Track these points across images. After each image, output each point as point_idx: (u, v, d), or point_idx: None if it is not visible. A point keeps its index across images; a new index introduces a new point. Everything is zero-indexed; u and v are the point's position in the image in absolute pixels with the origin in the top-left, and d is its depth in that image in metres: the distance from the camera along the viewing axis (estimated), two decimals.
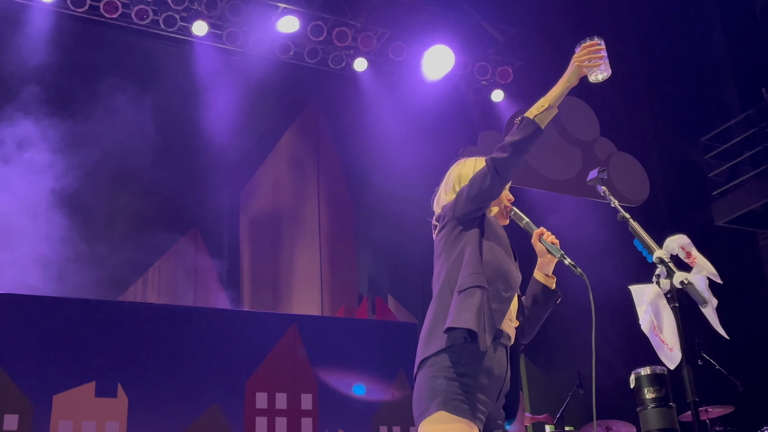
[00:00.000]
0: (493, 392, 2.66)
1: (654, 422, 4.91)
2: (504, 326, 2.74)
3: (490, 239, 2.82)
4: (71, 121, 7.55)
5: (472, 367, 2.59)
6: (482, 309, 2.62)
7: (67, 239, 7.19)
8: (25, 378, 6.29)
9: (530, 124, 2.81)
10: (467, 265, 2.73)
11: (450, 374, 2.57)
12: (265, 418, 7.10)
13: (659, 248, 2.63)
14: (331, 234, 9.24)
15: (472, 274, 2.70)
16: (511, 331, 2.80)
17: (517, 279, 2.84)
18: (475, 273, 2.70)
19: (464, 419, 2.51)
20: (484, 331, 2.57)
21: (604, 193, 2.91)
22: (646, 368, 5.01)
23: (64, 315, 6.62)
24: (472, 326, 2.56)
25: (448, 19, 9.79)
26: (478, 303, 2.62)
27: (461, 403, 2.53)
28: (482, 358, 2.61)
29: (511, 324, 2.82)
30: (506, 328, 2.76)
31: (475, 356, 2.59)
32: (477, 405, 2.57)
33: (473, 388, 2.57)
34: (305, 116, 9.56)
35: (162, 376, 6.78)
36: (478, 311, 2.60)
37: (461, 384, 2.56)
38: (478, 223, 2.83)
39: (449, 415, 2.51)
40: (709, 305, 2.57)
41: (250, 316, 7.81)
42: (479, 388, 2.59)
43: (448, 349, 2.60)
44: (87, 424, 6.42)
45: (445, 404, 2.53)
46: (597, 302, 2.68)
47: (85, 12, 8.00)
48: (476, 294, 2.65)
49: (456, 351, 2.59)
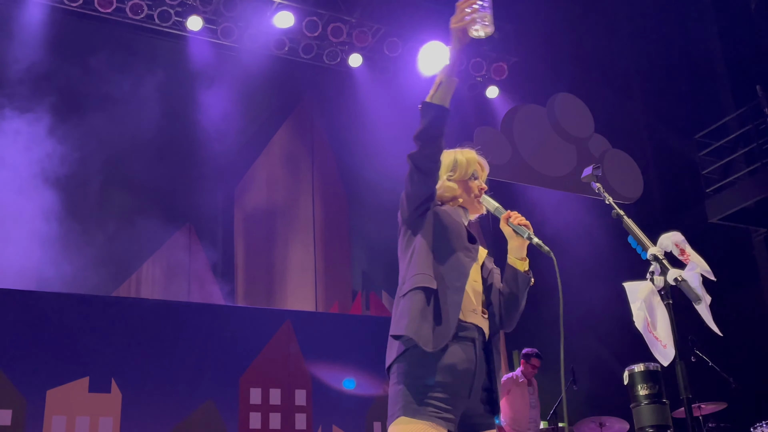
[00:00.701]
0: (460, 389, 2.63)
1: (647, 418, 4.93)
2: (470, 318, 2.72)
3: (441, 232, 2.79)
4: (65, 117, 7.53)
5: (428, 368, 2.60)
6: (423, 311, 2.63)
7: (61, 234, 7.17)
8: (19, 373, 6.28)
9: (428, 108, 2.72)
10: (412, 266, 2.74)
11: (407, 379, 2.60)
12: (259, 413, 7.10)
13: (653, 245, 2.63)
14: (325, 230, 9.23)
15: (416, 275, 2.71)
16: (479, 322, 2.75)
17: (469, 265, 2.77)
18: (419, 274, 2.71)
19: (424, 421, 2.54)
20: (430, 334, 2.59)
21: (599, 190, 2.91)
22: (640, 365, 5.03)
23: (58, 310, 6.61)
24: (408, 332, 2.60)
25: (444, 15, 9.74)
26: (417, 306, 2.64)
27: (420, 406, 2.56)
28: (439, 358, 2.61)
29: (479, 315, 2.76)
30: (473, 320, 2.73)
31: (429, 358, 2.60)
32: (439, 405, 2.57)
33: (432, 389, 2.58)
34: (300, 112, 9.55)
35: (156, 372, 6.77)
36: (416, 315, 2.62)
37: (419, 387, 2.58)
38: (427, 220, 2.81)
39: (408, 419, 2.55)
40: (702, 302, 2.57)
41: (244, 311, 7.81)
42: (440, 387, 2.59)
43: (402, 356, 2.64)
44: (81, 419, 6.41)
45: (404, 409, 2.57)
46: (591, 299, 2.69)
47: (80, 6, 7.98)
48: (416, 297, 2.66)
49: (409, 356, 2.62)
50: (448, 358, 2.62)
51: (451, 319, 2.64)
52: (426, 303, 2.65)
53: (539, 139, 9.33)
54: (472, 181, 2.98)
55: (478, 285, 2.82)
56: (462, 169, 2.98)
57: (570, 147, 9.54)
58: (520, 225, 2.81)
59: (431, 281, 2.69)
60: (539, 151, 9.29)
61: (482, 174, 3.03)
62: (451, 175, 2.99)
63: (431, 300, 2.67)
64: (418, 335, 2.59)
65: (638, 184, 9.77)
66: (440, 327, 2.62)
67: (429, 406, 2.56)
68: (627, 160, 9.87)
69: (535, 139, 9.29)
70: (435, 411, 2.56)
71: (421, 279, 2.69)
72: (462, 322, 2.69)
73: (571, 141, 9.57)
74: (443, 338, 2.60)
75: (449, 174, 2.99)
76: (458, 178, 2.98)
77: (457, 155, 3.02)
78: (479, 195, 2.96)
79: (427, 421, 2.54)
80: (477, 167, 3.00)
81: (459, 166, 2.98)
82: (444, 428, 2.57)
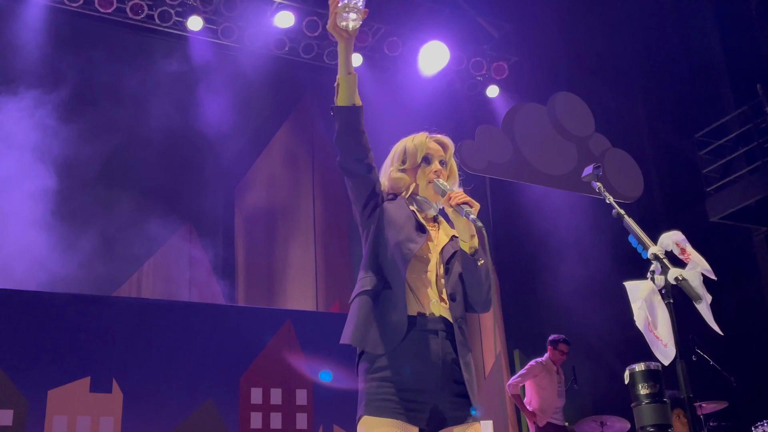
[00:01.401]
0: (425, 383, 2.59)
1: (648, 418, 4.92)
2: (431, 309, 2.66)
3: (386, 228, 2.76)
4: (65, 117, 7.52)
5: (388, 366, 2.59)
6: (367, 317, 2.64)
7: (62, 235, 7.17)
8: (20, 373, 6.28)
9: (336, 111, 2.77)
10: (361, 269, 2.76)
11: (368, 378, 2.61)
12: (260, 413, 7.10)
13: (654, 244, 2.62)
14: (325, 229, 9.23)
15: (361, 278, 2.73)
16: (441, 312, 2.68)
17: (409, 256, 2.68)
18: (363, 277, 2.73)
19: (386, 418, 2.53)
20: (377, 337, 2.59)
21: (600, 189, 2.90)
22: (641, 364, 5.02)
23: (59, 310, 6.61)
24: (353, 342, 2.63)
25: (443, 14, 9.78)
26: (362, 312, 2.65)
27: (382, 402, 2.55)
28: (398, 355, 2.59)
29: (440, 304, 2.69)
30: (434, 310, 2.67)
31: (387, 356, 2.60)
32: (401, 401, 2.56)
33: (394, 385, 2.57)
34: (300, 111, 9.55)
35: (157, 372, 6.77)
36: (361, 322, 2.64)
37: (379, 384, 2.57)
38: (376, 218, 2.79)
39: (371, 417, 2.55)
40: (703, 301, 2.57)
41: (245, 311, 7.81)
42: (401, 384, 2.57)
43: (361, 356, 2.66)
44: (82, 419, 6.41)
45: (366, 407, 2.58)
46: (593, 297, 2.69)
47: (80, 7, 7.97)
48: (360, 302, 2.68)
49: (366, 357, 2.64)
50: (408, 353, 2.60)
51: (400, 317, 2.62)
52: (371, 306, 2.66)
53: (540, 138, 9.33)
54: (424, 167, 2.89)
55: (432, 274, 2.73)
56: (411, 156, 2.91)
57: (570, 146, 9.54)
58: (458, 204, 2.69)
59: (375, 283, 2.68)
60: (540, 150, 9.29)
61: (438, 155, 2.92)
62: (401, 166, 2.93)
63: (378, 301, 2.66)
64: (363, 342, 2.61)
65: (638, 183, 9.76)
66: (389, 327, 2.61)
67: (390, 402, 2.55)
68: (627, 159, 9.87)
69: (536, 138, 9.29)
70: (396, 407, 2.54)
71: (365, 283, 2.70)
72: (421, 316, 2.65)
73: (571, 140, 9.57)
74: (394, 338, 2.59)
75: (400, 164, 2.93)
76: (410, 167, 2.91)
77: (407, 143, 2.96)
78: (432, 179, 2.85)
79: (388, 417, 2.53)
80: (430, 151, 2.91)
81: (408, 154, 2.92)
82: (409, 423, 2.55)
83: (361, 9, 2.70)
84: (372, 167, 2.83)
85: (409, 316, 2.64)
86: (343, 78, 2.75)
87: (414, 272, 2.71)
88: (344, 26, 2.70)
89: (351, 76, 2.75)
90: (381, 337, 2.60)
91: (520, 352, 9.45)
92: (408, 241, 2.71)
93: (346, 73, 2.75)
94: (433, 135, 2.98)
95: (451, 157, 2.99)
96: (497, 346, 9.24)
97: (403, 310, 2.62)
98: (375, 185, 2.82)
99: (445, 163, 2.95)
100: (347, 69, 2.75)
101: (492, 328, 9.37)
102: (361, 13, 2.70)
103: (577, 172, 9.13)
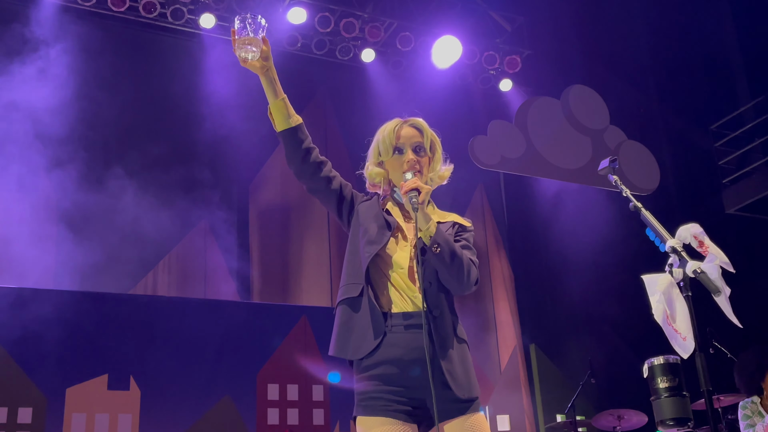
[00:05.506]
0: (411, 379, 2.59)
1: (667, 411, 4.89)
2: (411, 306, 2.65)
3: (357, 231, 2.80)
4: (78, 116, 7.56)
5: (374, 366, 2.62)
6: (347, 324, 2.67)
7: (78, 234, 7.21)
8: (39, 371, 6.34)
9: (279, 137, 2.84)
10: (341, 276, 2.82)
11: (357, 378, 2.68)
12: (276, 409, 7.12)
13: (672, 237, 2.61)
14: (339, 225, 9.23)
15: (341, 287, 2.78)
16: (418, 305, 2.64)
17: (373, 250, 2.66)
18: (342, 286, 2.77)
19: (375, 416, 2.58)
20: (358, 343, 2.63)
21: (616, 182, 2.89)
22: (659, 357, 4.99)
23: (77, 309, 6.66)
24: (336, 353, 2.69)
25: (456, 8, 9.75)
26: (341, 320, 2.70)
27: (371, 402, 2.60)
28: (382, 354, 2.61)
29: (416, 297, 2.65)
30: (409, 305, 2.66)
31: (371, 356, 2.63)
32: (391, 398, 2.58)
33: (382, 384, 2.60)
34: (313, 108, 9.54)
35: (174, 369, 6.81)
36: (342, 331, 2.68)
37: (367, 384, 2.63)
38: (353, 221, 2.85)
39: (363, 417, 2.61)
40: (722, 294, 2.55)
41: (261, 308, 7.83)
42: (389, 382, 2.60)
43: (351, 360, 2.73)
44: (100, 416, 6.46)
45: (357, 408, 2.64)
46: (610, 291, 2.67)
47: (93, 6, 8.00)
48: (340, 312, 2.73)
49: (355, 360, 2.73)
50: (391, 351, 2.61)
51: (375, 319, 2.63)
52: (350, 313, 2.69)
53: (554, 131, 9.30)
54: (398, 157, 2.84)
55: (403, 271, 2.70)
56: (385, 149, 2.86)
57: (585, 139, 9.49)
58: (406, 194, 2.66)
59: (350, 290, 2.71)
60: (554, 144, 9.25)
61: (412, 141, 2.84)
62: (378, 159, 2.89)
63: (355, 307, 2.69)
64: (344, 351, 2.66)
65: (654, 175, 9.71)
66: (366, 331, 2.64)
67: (380, 400, 2.58)
68: (643, 151, 9.81)
69: (550, 131, 9.25)
70: (386, 405, 2.57)
71: (343, 291, 2.75)
72: (396, 314, 2.65)
73: (586, 133, 9.53)
74: (371, 341, 2.62)
75: (376, 158, 2.90)
76: (385, 159, 2.87)
77: (378, 135, 2.91)
78: (407, 170, 2.78)
79: (379, 416, 2.57)
80: (402, 139, 2.84)
81: (381, 147, 2.87)
82: (401, 420, 2.57)
83: (258, 40, 2.80)
84: (330, 178, 2.82)
85: (385, 314, 2.64)
86: (272, 105, 2.81)
87: (385, 271, 2.71)
88: (244, 58, 2.78)
89: (279, 100, 2.80)
90: (360, 342, 2.64)
91: (536, 346, 9.43)
92: (369, 243, 2.72)
93: (273, 99, 2.80)
94: (407, 119, 2.92)
95: (431, 139, 2.90)
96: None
97: (376, 311, 2.63)
98: (340, 192, 2.85)
99: (422, 147, 2.86)
100: (274, 95, 2.81)
101: (508, 322, 9.35)
102: (259, 44, 2.78)
103: (592, 166, 9.09)
